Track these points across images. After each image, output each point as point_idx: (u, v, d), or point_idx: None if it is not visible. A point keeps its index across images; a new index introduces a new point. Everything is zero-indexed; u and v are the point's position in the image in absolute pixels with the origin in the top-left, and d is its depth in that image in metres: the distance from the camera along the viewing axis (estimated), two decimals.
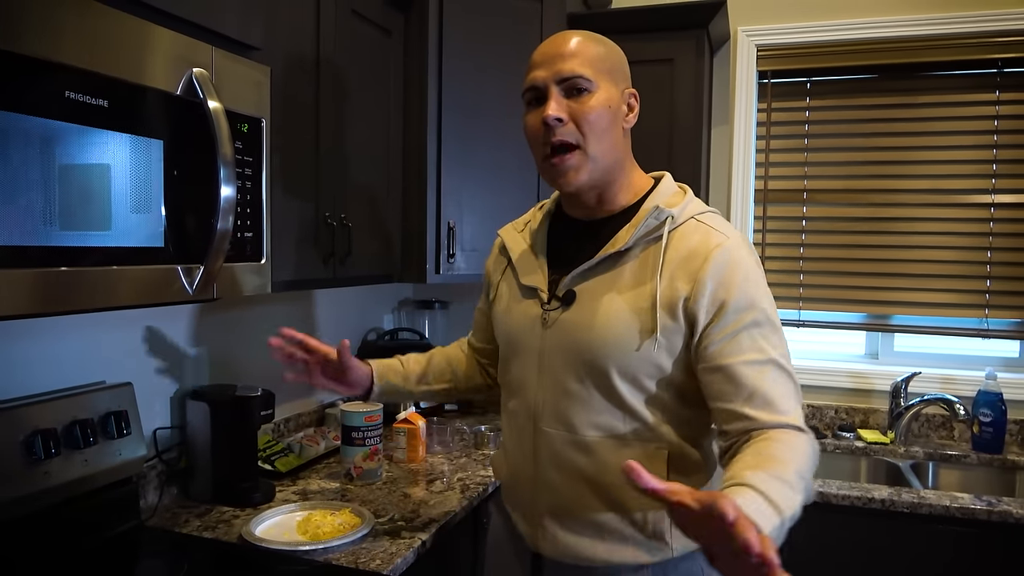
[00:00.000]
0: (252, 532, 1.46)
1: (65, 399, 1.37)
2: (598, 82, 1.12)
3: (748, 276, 1.08)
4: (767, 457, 0.96)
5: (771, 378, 1.05)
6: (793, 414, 1.04)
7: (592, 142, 1.12)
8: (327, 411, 2.26)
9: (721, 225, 1.14)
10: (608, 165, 1.16)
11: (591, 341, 1.12)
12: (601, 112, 1.12)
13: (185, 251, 1.18)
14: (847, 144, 2.48)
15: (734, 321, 1.06)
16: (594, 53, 1.13)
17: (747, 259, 1.10)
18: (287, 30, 1.56)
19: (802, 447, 1.00)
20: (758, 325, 1.06)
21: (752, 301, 1.07)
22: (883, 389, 2.42)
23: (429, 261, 2.08)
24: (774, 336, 1.07)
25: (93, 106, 1.00)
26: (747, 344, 1.05)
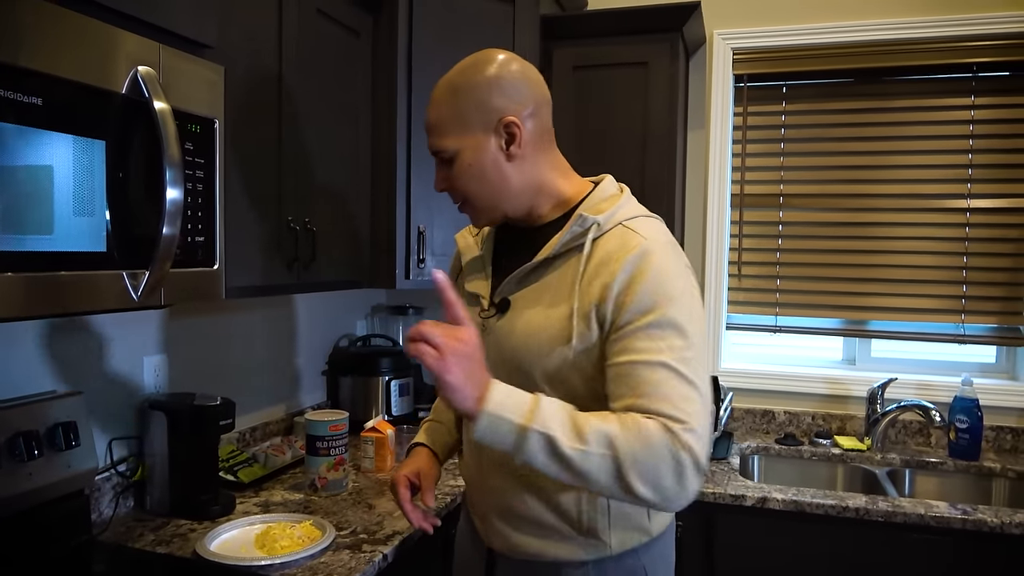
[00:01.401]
0: (207, 547, 1.41)
1: (8, 409, 1.31)
2: (457, 145, 1.14)
3: (656, 278, 1.05)
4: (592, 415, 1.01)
5: (659, 379, 1.01)
6: (678, 420, 0.98)
7: (474, 197, 1.17)
8: (295, 419, 2.21)
9: (645, 228, 1.11)
10: (508, 200, 1.18)
11: (516, 349, 1.14)
12: (469, 171, 1.15)
13: (130, 256, 1.13)
14: (823, 148, 2.47)
15: (633, 321, 1.04)
16: (447, 116, 1.15)
17: (660, 261, 1.06)
18: (246, 29, 1.52)
19: (646, 433, 0.97)
20: (658, 327, 1.03)
21: (654, 303, 1.04)
22: (860, 395, 2.40)
23: (399, 266, 2.04)
24: (675, 339, 1.03)
25: (25, 104, 0.96)
26: (641, 345, 1.03)
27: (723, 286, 2.56)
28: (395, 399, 2.37)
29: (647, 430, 0.98)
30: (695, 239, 2.56)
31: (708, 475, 2.01)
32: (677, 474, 0.97)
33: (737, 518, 1.89)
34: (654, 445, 0.97)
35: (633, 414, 1.00)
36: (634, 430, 0.98)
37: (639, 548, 1.18)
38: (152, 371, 1.75)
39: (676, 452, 0.97)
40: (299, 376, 2.33)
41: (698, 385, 1.01)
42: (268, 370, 2.18)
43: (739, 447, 2.31)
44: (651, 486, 0.98)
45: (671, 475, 0.97)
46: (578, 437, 0.98)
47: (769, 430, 2.49)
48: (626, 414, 1.01)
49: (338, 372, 2.39)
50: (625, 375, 1.03)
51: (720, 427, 2.22)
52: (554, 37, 2.24)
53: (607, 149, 2.24)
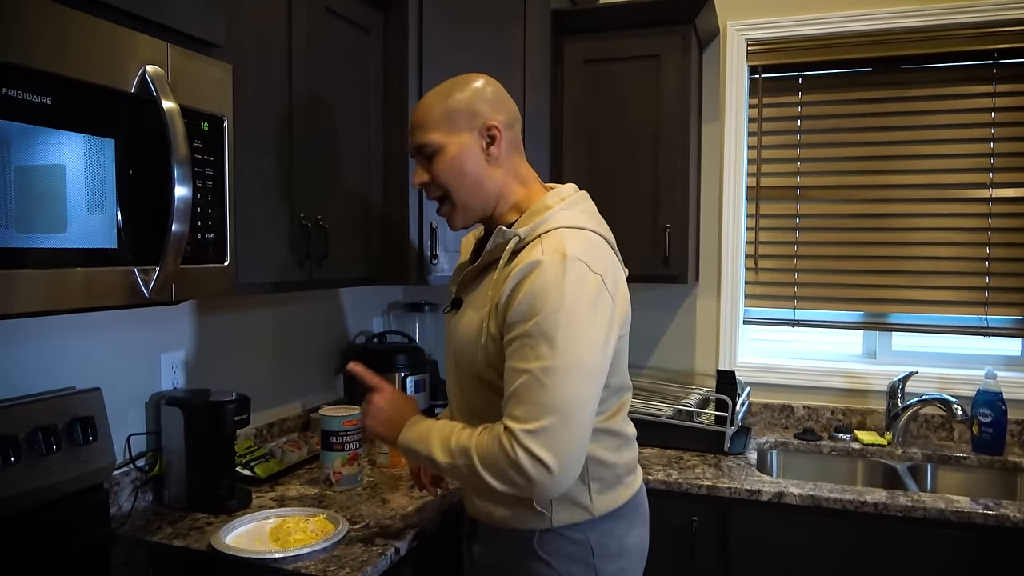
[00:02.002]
0: (222, 540, 1.43)
1: (27, 405, 1.34)
2: (443, 140, 1.28)
3: (534, 291, 1.16)
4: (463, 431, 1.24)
5: (520, 383, 1.15)
6: (519, 421, 1.14)
7: (454, 191, 1.30)
8: (312, 416, 2.23)
9: (551, 242, 1.20)
10: (482, 200, 1.32)
11: (454, 344, 1.34)
12: (452, 165, 1.28)
13: (141, 253, 1.15)
14: (841, 139, 2.43)
15: (512, 329, 1.18)
16: (437, 115, 1.29)
17: (545, 275, 1.16)
18: (255, 27, 1.53)
19: (489, 442, 1.17)
20: (529, 336, 1.15)
21: (530, 313, 1.15)
22: (880, 389, 2.36)
23: (412, 263, 2.04)
24: (543, 348, 1.14)
25: (35, 104, 0.98)
26: (515, 352, 1.17)
27: (740, 280, 2.54)
28: (411, 395, 2.38)
29: (493, 438, 1.17)
30: (711, 233, 2.54)
31: (724, 469, 2.00)
32: (516, 470, 1.13)
33: (753, 513, 1.87)
34: (494, 451, 1.16)
35: (496, 426, 1.19)
36: (486, 440, 1.18)
37: (583, 524, 1.31)
38: (169, 368, 1.77)
39: (512, 452, 1.13)
40: (316, 373, 2.35)
41: (553, 390, 1.13)
42: (285, 367, 2.20)
43: (757, 442, 2.29)
44: (501, 481, 1.16)
45: (512, 471, 1.14)
46: (449, 454, 1.22)
47: (788, 425, 2.47)
48: (492, 426, 1.20)
49: None
50: (506, 378, 1.19)
51: (737, 422, 2.21)
52: (565, 31, 2.23)
53: (619, 144, 2.23)
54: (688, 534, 1.92)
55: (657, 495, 1.90)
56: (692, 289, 2.58)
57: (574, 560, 1.31)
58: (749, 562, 1.89)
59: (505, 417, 1.17)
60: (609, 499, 1.34)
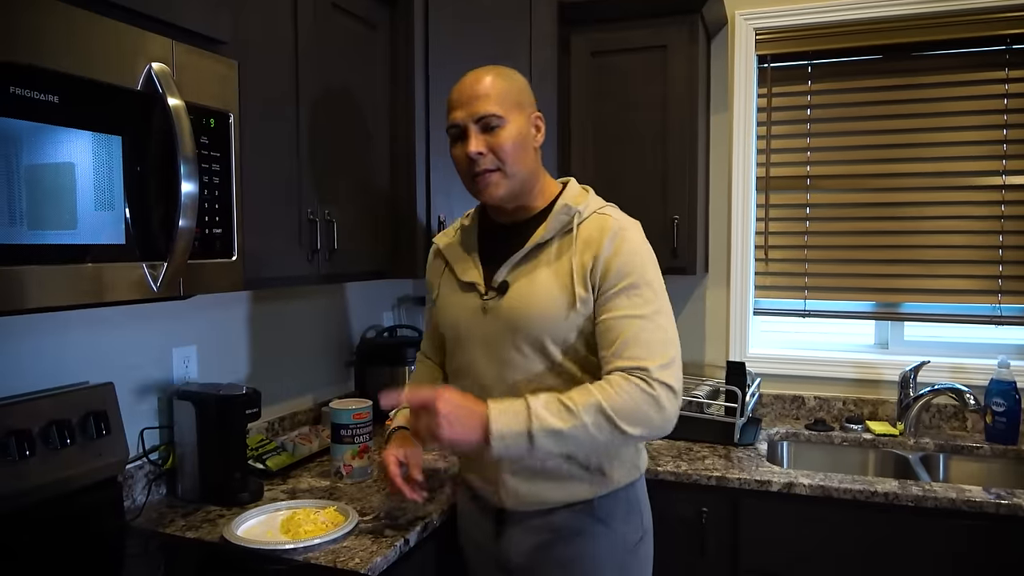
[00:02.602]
0: (233, 532, 1.45)
1: (41, 400, 1.36)
2: (507, 116, 1.35)
3: (630, 249, 1.33)
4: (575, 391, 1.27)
5: (637, 328, 1.28)
6: (649, 359, 1.26)
7: (509, 165, 1.36)
8: (323, 410, 2.25)
9: (616, 214, 1.40)
10: (523, 180, 1.39)
11: (529, 318, 1.35)
12: (513, 140, 1.35)
13: (149, 248, 1.16)
14: (851, 128, 2.42)
15: (616, 284, 1.31)
16: (502, 90, 1.36)
17: (631, 237, 1.35)
18: (261, 24, 1.54)
19: (621, 389, 1.24)
20: (635, 287, 1.31)
21: (631, 268, 1.31)
22: (892, 379, 2.35)
23: (420, 257, 2.05)
24: (651, 297, 1.31)
25: (42, 102, 0.99)
26: (623, 303, 1.30)
27: (750, 270, 2.53)
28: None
29: (622, 385, 1.25)
30: (720, 223, 2.53)
31: (734, 460, 1.99)
32: (657, 407, 1.25)
33: (763, 504, 1.87)
34: (631, 393, 1.24)
35: (608, 378, 1.27)
36: (613, 388, 1.25)
37: (635, 482, 1.46)
38: (181, 362, 1.79)
39: (653, 390, 1.25)
40: (327, 367, 2.37)
41: (667, 329, 1.31)
42: (296, 361, 2.22)
43: (767, 433, 2.28)
44: (641, 425, 1.25)
45: (653, 410, 1.25)
46: (572, 416, 1.23)
47: (799, 416, 2.46)
48: (601, 380, 1.28)
49: (365, 362, 2.42)
50: (611, 328, 1.30)
51: (747, 413, 2.20)
52: (571, 23, 2.23)
53: (627, 135, 2.23)
54: (697, 525, 1.92)
55: (667, 486, 1.91)
56: (701, 280, 2.57)
57: (627, 516, 1.43)
58: (759, 553, 1.89)
59: (625, 360, 1.26)
60: (644, 456, 1.51)
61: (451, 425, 1.21)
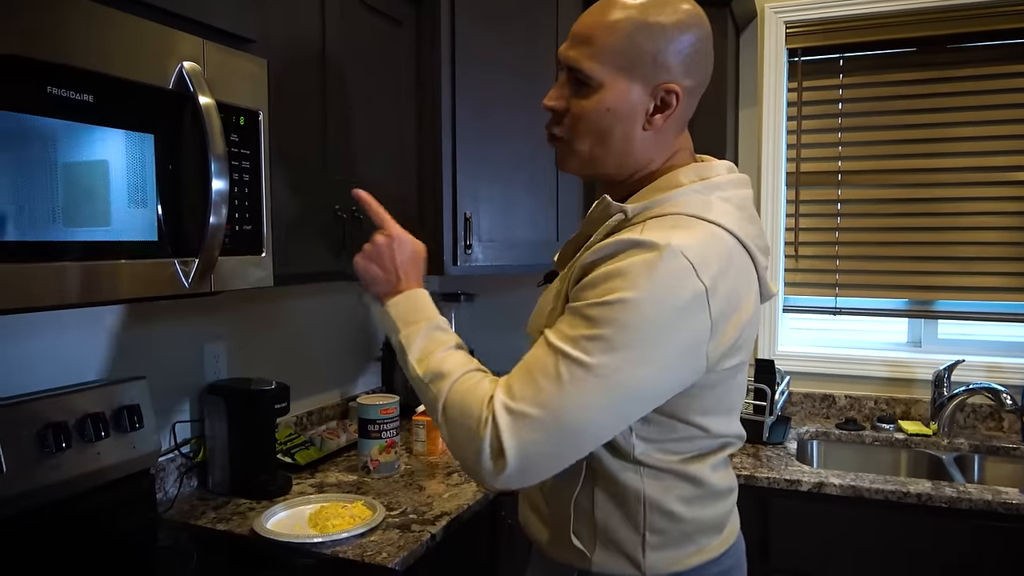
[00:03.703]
0: (263, 525, 1.47)
1: (77, 393, 1.39)
2: (604, 79, 0.97)
3: (618, 270, 0.90)
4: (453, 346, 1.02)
5: (534, 356, 0.92)
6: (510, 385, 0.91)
7: (579, 143, 1.01)
8: (350, 404, 2.27)
9: (653, 230, 0.92)
10: (613, 164, 1.03)
11: (529, 328, 1.11)
12: (597, 116, 0.98)
13: (180, 245, 1.18)
14: (883, 122, 2.37)
15: (576, 296, 0.94)
16: (615, 42, 0.96)
17: (632, 259, 0.89)
18: (289, 22, 1.55)
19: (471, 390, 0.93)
20: (578, 311, 0.91)
21: (597, 290, 0.90)
22: (925, 378, 2.31)
23: (446, 253, 2.06)
24: (582, 329, 0.89)
25: (77, 101, 1.01)
26: (564, 319, 0.93)
27: (779, 267, 2.50)
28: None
29: (475, 386, 0.94)
30: None
31: (763, 459, 1.97)
32: (471, 438, 0.90)
33: (793, 503, 1.85)
34: (468, 400, 0.92)
35: (487, 377, 0.97)
36: (470, 384, 0.94)
37: None
38: (212, 358, 1.82)
39: (480, 420, 0.90)
40: (354, 362, 2.39)
41: (565, 387, 0.87)
42: (324, 356, 2.24)
43: (797, 432, 2.25)
44: (453, 434, 0.93)
45: (468, 437, 0.91)
46: (425, 365, 0.99)
47: (829, 415, 2.42)
48: (486, 374, 0.97)
49: (393, 358, 2.44)
50: None
51: (776, 411, 2.17)
52: None
53: None
54: None
55: None
56: None
57: None
58: (788, 553, 1.86)
59: (504, 376, 0.94)
60: (668, 559, 1.05)
61: (369, 259, 1.11)
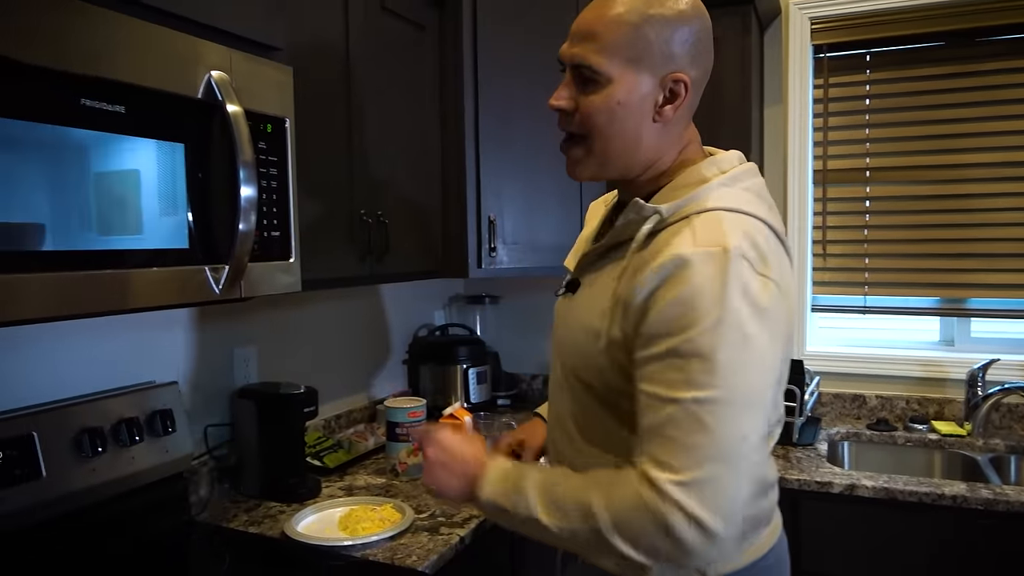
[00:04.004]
0: (294, 528, 1.49)
1: (112, 398, 1.42)
2: (612, 73, 0.96)
3: (691, 294, 0.87)
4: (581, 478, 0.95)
5: (665, 416, 0.87)
6: (668, 467, 0.86)
7: (595, 140, 1.00)
8: (378, 407, 2.28)
9: (705, 230, 0.91)
10: (625, 163, 1.02)
11: (565, 337, 1.07)
12: (608, 111, 0.97)
13: (211, 252, 1.20)
14: (912, 118, 2.33)
15: (651, 342, 0.90)
16: (619, 35, 0.96)
17: (707, 276, 0.87)
18: (313, 30, 1.57)
19: (627, 495, 0.88)
20: (678, 356, 0.87)
21: (678, 326, 0.87)
22: (959, 377, 2.26)
23: (470, 256, 2.07)
24: (698, 373, 0.86)
25: (110, 112, 1.03)
26: (656, 372, 0.89)
27: (807, 266, 2.47)
28: (473, 387, 2.41)
29: (629, 490, 0.88)
30: None
31: (793, 461, 1.95)
32: (666, 535, 0.85)
33: (824, 505, 1.83)
34: (634, 507, 0.87)
35: (628, 472, 0.90)
36: (620, 490, 0.89)
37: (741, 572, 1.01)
38: (242, 362, 1.84)
39: (660, 511, 0.85)
40: (381, 365, 2.40)
41: (715, 430, 0.85)
42: (351, 360, 2.26)
43: (827, 433, 2.22)
44: (642, 550, 0.87)
45: (660, 537, 0.86)
46: (560, 514, 0.92)
47: (860, 415, 2.39)
48: (620, 473, 0.92)
49: (418, 361, 2.45)
50: (642, 406, 0.91)
51: (805, 412, 2.15)
52: None
53: None
54: None
55: None
56: None
57: None
58: (819, 556, 1.84)
59: (645, 462, 0.88)
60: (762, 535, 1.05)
61: (434, 475, 1.05)
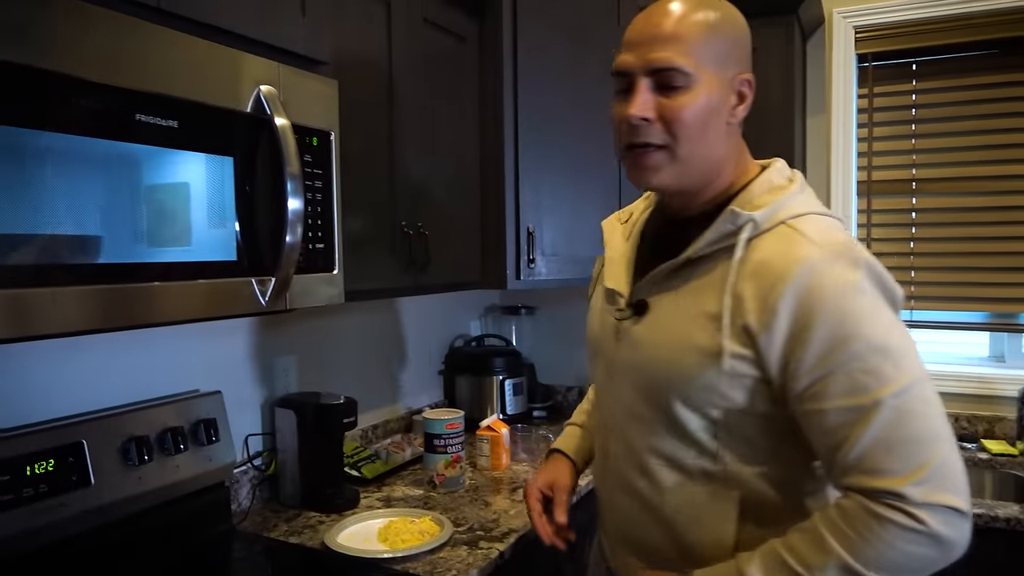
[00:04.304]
0: (334, 539, 1.49)
1: (158, 407, 1.43)
2: (699, 74, 0.94)
3: (842, 295, 0.86)
4: (800, 540, 0.89)
5: (872, 424, 0.84)
6: (898, 474, 0.83)
7: (683, 145, 0.96)
8: (414, 418, 2.28)
9: (816, 232, 0.91)
10: (702, 169, 0.99)
11: (655, 362, 1.00)
12: (698, 112, 0.94)
13: (257, 264, 1.21)
14: (960, 128, 2.28)
15: (824, 354, 0.86)
16: (699, 36, 0.94)
17: (843, 273, 0.87)
18: (358, 43, 1.58)
19: (871, 531, 0.83)
20: (859, 357, 0.85)
21: (847, 327, 0.85)
22: (1010, 395, 2.20)
23: (509, 267, 2.06)
24: (888, 369, 0.84)
25: (164, 127, 1.04)
26: (843, 383, 0.86)
27: None
28: (509, 398, 2.40)
29: (869, 524, 0.84)
30: None
31: None
32: (932, 542, 0.83)
33: None
34: (886, 537, 0.83)
35: (844, 507, 0.87)
36: (857, 531, 0.85)
37: None
38: (282, 371, 1.85)
39: (915, 525, 0.82)
40: (417, 375, 2.40)
41: (921, 414, 0.84)
42: (387, 369, 2.26)
43: None
44: (915, 570, 0.85)
45: (927, 547, 0.83)
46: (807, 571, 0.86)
47: None
48: (834, 511, 0.88)
49: (454, 371, 2.45)
50: (827, 426, 0.87)
51: None
52: None
53: None
54: None
55: None
56: None
57: None
58: None
59: (864, 477, 0.85)
60: None
61: None
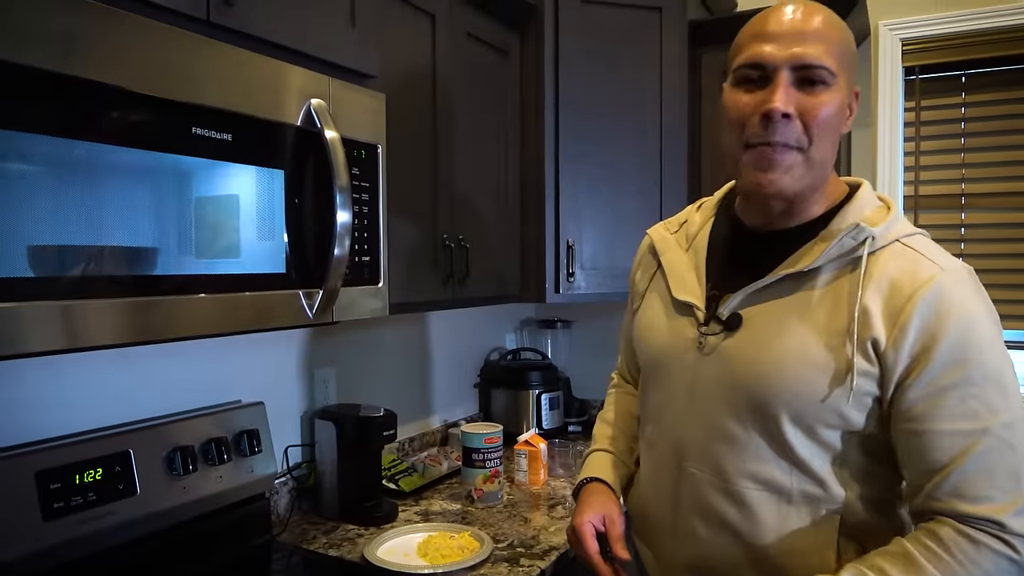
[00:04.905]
0: (374, 553, 1.48)
1: (202, 417, 1.44)
2: (839, 77, 0.93)
3: (966, 319, 0.88)
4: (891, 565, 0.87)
5: (979, 454, 0.86)
6: (998, 502, 0.85)
7: (817, 147, 0.94)
8: (450, 431, 2.27)
9: (934, 252, 0.93)
10: (823, 176, 0.98)
11: (762, 378, 0.96)
12: (833, 114, 0.93)
13: (305, 276, 1.21)
14: (1013, 142, 2.22)
15: (940, 375, 0.87)
16: (839, 38, 0.95)
17: (967, 297, 0.89)
18: (404, 57, 1.59)
19: (968, 559, 0.85)
20: (973, 383, 0.86)
21: (968, 352, 0.87)
22: None
23: (548, 280, 2.05)
24: (998, 398, 0.86)
25: (219, 140, 1.05)
26: (954, 407, 0.87)
27: None
28: (545, 412, 2.38)
29: (966, 551, 0.85)
30: None
31: None
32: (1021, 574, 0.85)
33: None
34: (984, 566, 0.85)
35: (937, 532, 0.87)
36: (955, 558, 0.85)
37: None
38: (322, 383, 1.86)
39: (1013, 556, 0.85)
40: (453, 388, 2.40)
41: (1020, 448, 0.86)
42: (424, 382, 2.26)
43: None
44: None
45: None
46: None
47: None
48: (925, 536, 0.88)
49: (490, 385, 2.44)
50: (931, 444, 0.88)
51: None
52: (702, 42, 2.17)
53: None
54: None
55: None
56: None
57: None
58: None
59: (965, 503, 0.86)
60: None
61: None
